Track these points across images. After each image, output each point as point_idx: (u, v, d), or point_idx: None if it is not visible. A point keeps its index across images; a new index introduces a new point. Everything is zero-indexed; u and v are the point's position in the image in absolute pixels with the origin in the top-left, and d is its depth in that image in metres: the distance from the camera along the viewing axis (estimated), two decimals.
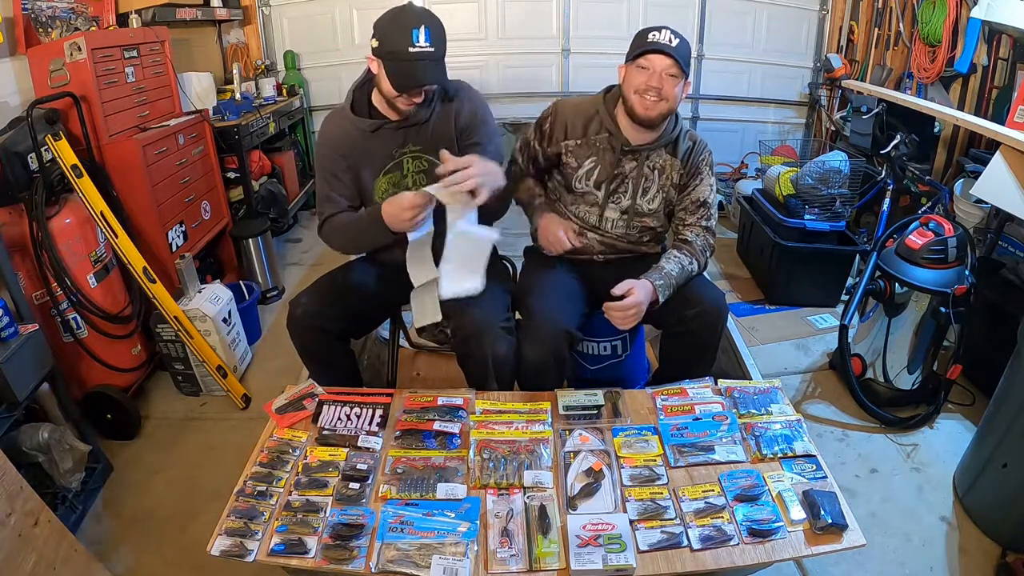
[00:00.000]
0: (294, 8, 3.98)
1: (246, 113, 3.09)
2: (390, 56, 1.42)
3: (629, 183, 1.68)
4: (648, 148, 1.64)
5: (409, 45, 1.38)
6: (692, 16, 3.95)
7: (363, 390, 1.55)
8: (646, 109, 1.53)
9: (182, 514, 1.77)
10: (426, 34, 1.38)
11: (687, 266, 1.63)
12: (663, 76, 1.50)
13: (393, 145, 1.59)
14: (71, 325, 1.98)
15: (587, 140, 1.67)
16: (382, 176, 1.62)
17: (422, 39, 1.38)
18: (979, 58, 2.79)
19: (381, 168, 1.61)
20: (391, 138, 1.58)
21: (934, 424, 2.11)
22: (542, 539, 1.14)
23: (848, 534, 1.17)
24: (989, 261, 2.24)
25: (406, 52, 1.38)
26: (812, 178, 2.78)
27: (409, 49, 1.38)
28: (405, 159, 1.61)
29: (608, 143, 1.65)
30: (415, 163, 1.62)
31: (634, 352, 1.97)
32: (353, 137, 1.58)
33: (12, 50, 2.07)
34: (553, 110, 1.71)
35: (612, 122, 1.64)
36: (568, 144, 1.68)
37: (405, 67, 1.40)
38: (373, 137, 1.57)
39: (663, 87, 1.50)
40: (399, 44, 1.38)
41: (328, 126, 1.62)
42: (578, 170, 1.69)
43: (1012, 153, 1.93)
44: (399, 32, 1.39)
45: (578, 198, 1.72)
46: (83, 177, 1.93)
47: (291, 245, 3.69)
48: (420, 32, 1.38)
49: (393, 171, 1.62)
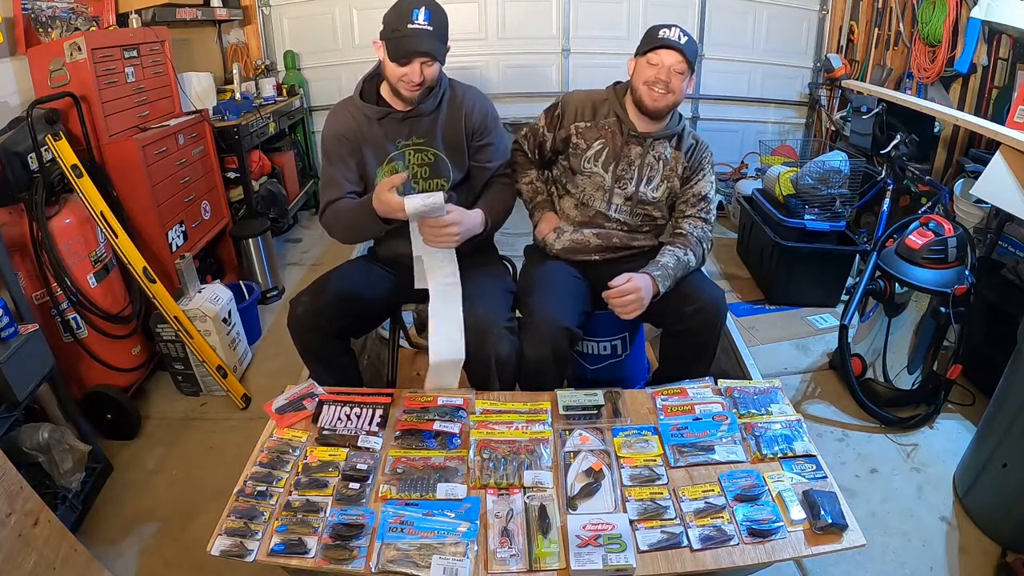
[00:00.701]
0: (294, 8, 3.98)
1: (246, 113, 3.09)
2: (390, 34, 1.49)
3: (635, 170, 1.72)
4: (653, 137, 1.70)
5: (408, 22, 1.46)
6: (692, 16, 3.94)
7: (363, 390, 1.55)
8: (654, 100, 1.61)
9: (182, 514, 1.77)
10: (426, 14, 1.46)
11: (683, 257, 1.66)
12: (671, 71, 1.58)
13: (398, 136, 1.63)
14: (71, 325, 1.98)
15: (596, 123, 1.73)
16: (385, 165, 1.65)
17: (421, 18, 1.46)
18: (979, 58, 2.79)
19: (384, 157, 1.64)
20: (396, 128, 1.63)
21: (934, 424, 2.11)
22: (542, 539, 1.14)
23: (848, 534, 1.17)
24: (989, 261, 2.24)
25: (405, 27, 1.46)
26: (812, 178, 2.78)
27: (408, 25, 1.46)
28: (408, 151, 1.64)
29: (617, 127, 1.71)
30: (418, 155, 1.65)
31: (634, 352, 1.97)
32: (359, 123, 1.63)
33: (12, 50, 2.07)
34: (562, 99, 1.78)
35: (621, 108, 1.70)
36: (579, 126, 1.74)
37: (402, 40, 1.47)
38: (378, 125, 1.62)
39: (671, 81, 1.58)
40: (399, 22, 1.47)
41: (335, 113, 1.67)
42: (587, 151, 1.73)
43: (1012, 153, 1.93)
44: (400, 13, 1.48)
45: (585, 179, 1.75)
46: (83, 177, 1.93)
47: (291, 245, 3.69)
48: (420, 12, 1.46)
49: (396, 160, 1.64)
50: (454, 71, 1.52)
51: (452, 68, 1.52)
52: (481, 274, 1.68)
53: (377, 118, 1.61)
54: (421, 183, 1.67)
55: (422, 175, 1.66)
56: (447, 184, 1.68)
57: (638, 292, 1.53)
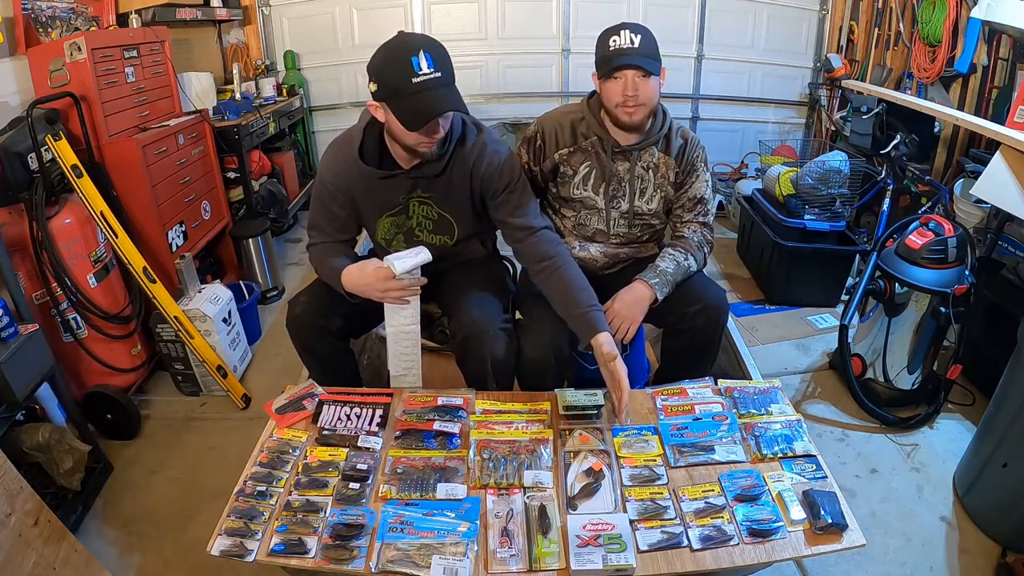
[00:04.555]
0: (294, 8, 3.98)
1: (246, 113, 3.09)
2: (394, 94, 1.27)
3: (626, 185, 1.68)
4: (637, 147, 1.64)
5: (412, 76, 1.23)
6: (692, 16, 3.94)
7: (363, 390, 1.55)
8: (630, 116, 1.53)
9: (182, 514, 1.77)
10: (427, 60, 1.23)
11: (683, 262, 1.64)
12: (635, 82, 1.49)
13: (401, 191, 1.52)
14: (71, 325, 1.98)
15: (578, 146, 1.67)
16: (385, 217, 1.58)
17: (424, 65, 1.23)
18: (979, 58, 2.78)
19: (386, 210, 1.56)
20: (400, 184, 1.51)
21: (934, 424, 2.11)
22: (542, 539, 1.14)
23: (848, 534, 1.17)
24: (989, 261, 2.24)
25: (410, 84, 1.23)
26: (812, 178, 2.78)
27: (413, 80, 1.23)
28: (412, 203, 1.55)
29: (599, 146, 1.65)
30: (422, 208, 1.56)
31: (634, 352, 1.97)
32: (358, 180, 1.51)
33: (12, 50, 2.07)
34: (539, 127, 1.70)
35: (599, 125, 1.63)
36: (562, 153, 1.68)
37: (413, 101, 1.25)
38: (381, 184, 1.50)
39: (639, 93, 1.50)
40: (401, 78, 1.24)
41: (334, 159, 1.53)
42: (574, 177, 1.69)
43: (1012, 153, 1.93)
44: (397, 64, 1.24)
45: (578, 205, 1.72)
46: (83, 177, 1.93)
47: (291, 245, 3.69)
48: (420, 59, 1.23)
49: (399, 214, 1.57)
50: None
51: None
52: (479, 275, 1.68)
53: (379, 179, 1.48)
54: (425, 234, 1.60)
55: (426, 227, 1.59)
56: (451, 241, 1.61)
57: (621, 321, 1.56)
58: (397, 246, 1.61)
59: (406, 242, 1.61)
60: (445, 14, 3.94)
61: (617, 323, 1.57)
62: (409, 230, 1.60)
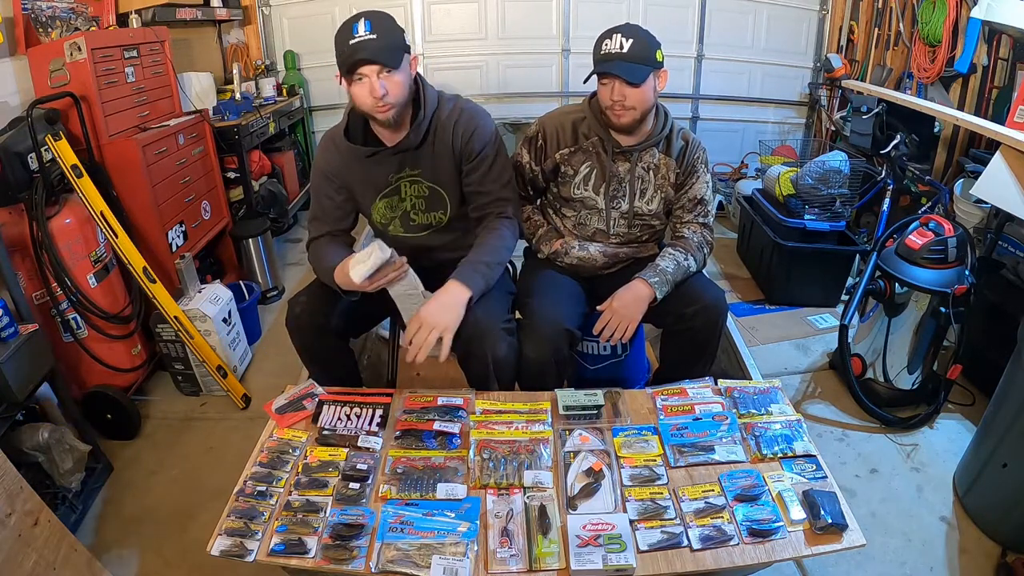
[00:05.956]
0: (294, 8, 3.98)
1: (246, 113, 3.09)
2: (339, 60, 1.40)
3: (626, 186, 1.69)
4: (638, 148, 1.65)
5: (350, 39, 1.37)
6: (692, 16, 3.94)
7: (363, 390, 1.55)
8: (618, 118, 1.56)
9: (182, 514, 1.77)
10: (366, 25, 1.37)
11: (683, 262, 1.65)
12: (621, 87, 1.51)
13: (389, 170, 1.58)
14: (71, 325, 1.98)
15: (579, 146, 1.68)
16: (379, 200, 1.62)
17: (362, 29, 1.36)
18: (979, 58, 2.78)
19: (378, 192, 1.61)
20: (387, 163, 1.57)
21: (934, 424, 2.11)
22: (542, 539, 1.14)
23: (848, 534, 1.17)
24: (989, 261, 2.24)
25: (348, 47, 1.37)
26: (812, 178, 2.78)
27: (350, 43, 1.37)
28: (403, 183, 1.60)
29: (600, 146, 1.66)
30: (414, 187, 1.60)
31: (634, 352, 1.97)
32: (348, 162, 1.57)
33: (12, 50, 2.07)
34: (540, 126, 1.72)
35: (600, 125, 1.64)
36: (563, 153, 1.69)
37: (346, 54, 1.38)
38: (369, 162, 1.56)
39: (626, 98, 1.51)
40: (341, 44, 1.38)
41: (324, 147, 1.61)
42: (575, 177, 1.70)
43: (1012, 153, 1.93)
44: (341, 34, 1.39)
45: (578, 205, 1.73)
46: (83, 177, 1.93)
47: (291, 245, 3.69)
48: (360, 24, 1.37)
49: (391, 195, 1.61)
50: (454, 71, 1.48)
51: (452, 68, 1.49)
52: None
53: (366, 156, 1.55)
54: (420, 216, 1.64)
55: (420, 207, 1.63)
56: (445, 216, 1.64)
57: (620, 321, 1.57)
58: (394, 231, 1.66)
59: (402, 227, 1.65)
60: (445, 14, 3.94)
61: (616, 321, 1.58)
62: (404, 213, 1.63)
